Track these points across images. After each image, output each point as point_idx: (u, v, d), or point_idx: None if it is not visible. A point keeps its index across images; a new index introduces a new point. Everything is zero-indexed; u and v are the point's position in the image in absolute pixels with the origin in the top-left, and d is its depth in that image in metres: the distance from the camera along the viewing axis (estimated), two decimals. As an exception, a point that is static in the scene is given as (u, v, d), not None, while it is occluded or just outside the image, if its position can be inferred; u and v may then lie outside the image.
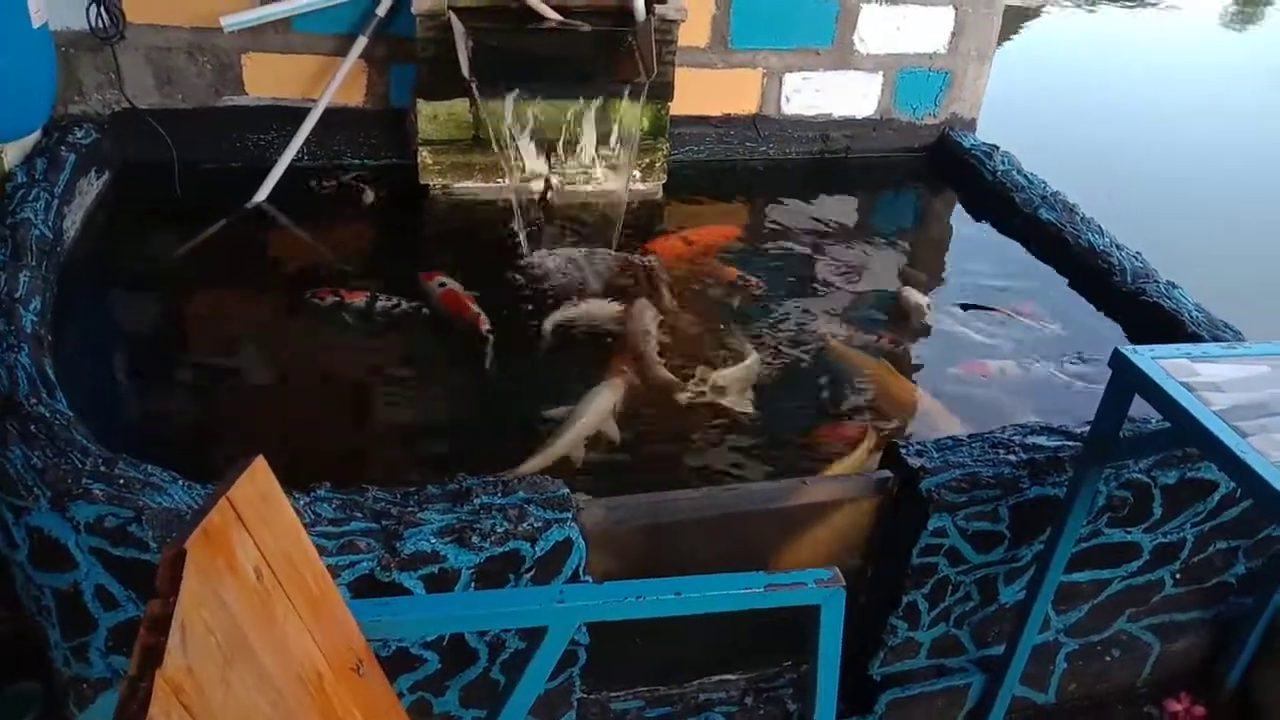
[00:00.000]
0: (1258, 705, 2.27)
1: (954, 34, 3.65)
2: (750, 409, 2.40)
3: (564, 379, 2.46)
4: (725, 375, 2.47)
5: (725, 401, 2.40)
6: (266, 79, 3.19)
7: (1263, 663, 2.26)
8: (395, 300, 2.65)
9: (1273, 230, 5.11)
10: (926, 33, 3.62)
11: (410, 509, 1.68)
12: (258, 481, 1.07)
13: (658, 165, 3.31)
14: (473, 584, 1.66)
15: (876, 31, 3.56)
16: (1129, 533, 2.07)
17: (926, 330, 2.86)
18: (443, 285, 2.69)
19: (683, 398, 2.42)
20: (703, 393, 2.41)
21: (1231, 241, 4.87)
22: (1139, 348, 1.70)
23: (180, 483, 1.68)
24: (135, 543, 1.58)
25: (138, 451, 1.73)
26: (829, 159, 3.76)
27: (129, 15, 2.99)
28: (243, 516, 1.02)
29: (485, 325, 2.60)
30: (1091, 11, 10.06)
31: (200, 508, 0.99)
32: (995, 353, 2.77)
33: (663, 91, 3.15)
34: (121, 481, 1.63)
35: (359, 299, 2.64)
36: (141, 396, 2.39)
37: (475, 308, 2.64)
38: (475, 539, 1.63)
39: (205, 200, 3.07)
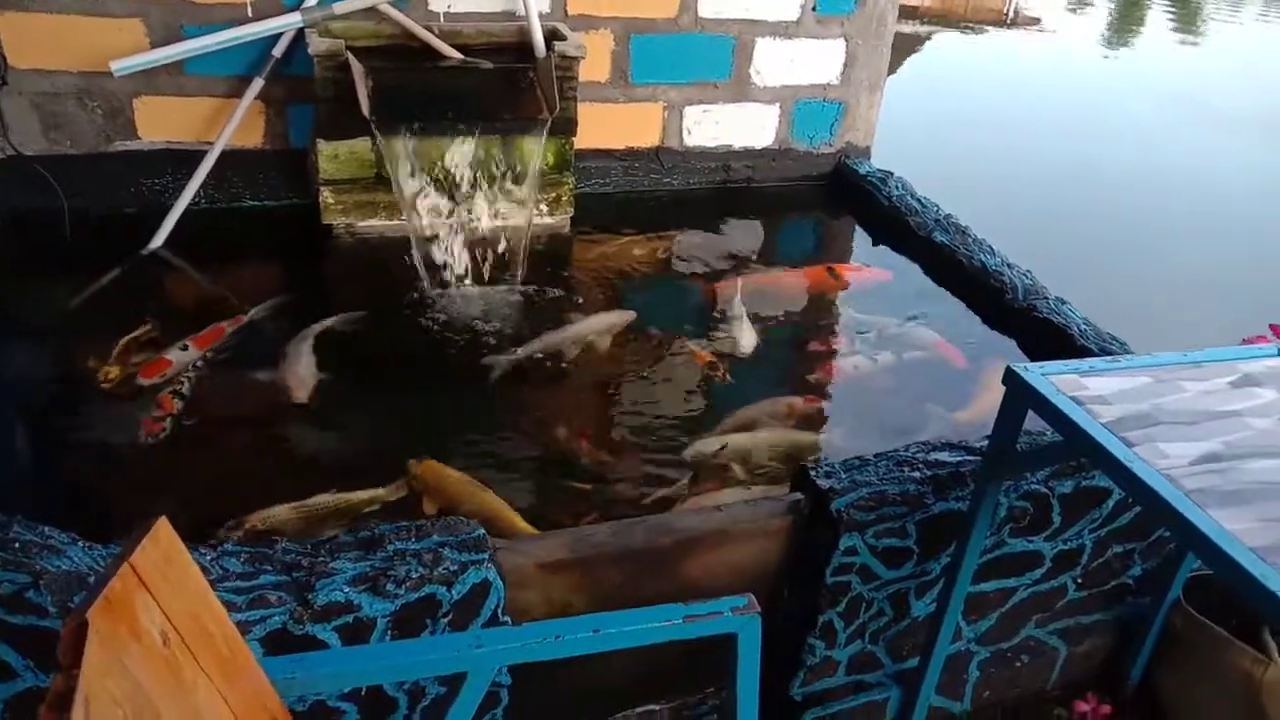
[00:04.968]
0: (1159, 698, 2.37)
1: (846, 65, 3.77)
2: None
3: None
4: None
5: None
6: (160, 122, 3.13)
7: (1161, 658, 2.35)
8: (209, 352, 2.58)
9: (1155, 239, 5.37)
10: (819, 65, 3.74)
11: (322, 559, 1.65)
12: (160, 543, 1.04)
13: (564, 199, 3.33)
14: (389, 632, 1.64)
15: (772, 64, 3.66)
16: (1031, 542, 2.14)
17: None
18: (185, 347, 2.57)
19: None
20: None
21: (1117, 252, 5.11)
22: (1030, 365, 1.77)
23: (80, 544, 1.63)
24: (33, 609, 1.52)
25: (34, 513, 1.67)
26: (732, 189, 3.84)
27: (11, 60, 2.91)
28: (146, 581, 0.99)
29: (245, 317, 2.71)
30: (980, 34, 10.49)
31: (101, 575, 0.96)
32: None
33: (565, 126, 3.18)
34: (16, 545, 1.56)
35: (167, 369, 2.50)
36: (36, 454, 2.30)
37: (220, 326, 2.66)
38: (389, 586, 1.61)
39: (99, 248, 2.99)
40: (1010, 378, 1.76)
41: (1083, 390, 1.71)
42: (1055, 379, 1.73)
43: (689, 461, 2.38)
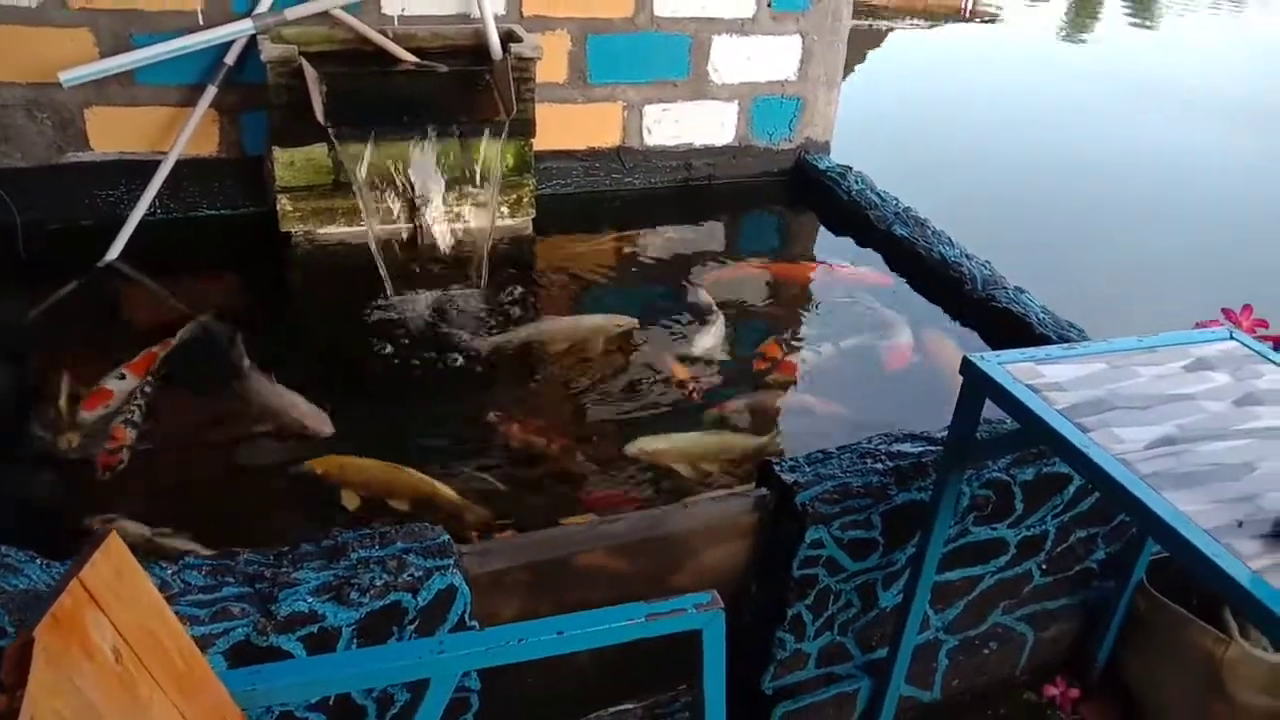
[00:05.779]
0: (1125, 680, 2.40)
1: (803, 61, 3.79)
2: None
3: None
4: None
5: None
6: (112, 133, 3.09)
7: (1127, 640, 2.38)
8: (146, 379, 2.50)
9: (1113, 226, 5.44)
10: (777, 61, 3.75)
11: (285, 569, 1.64)
12: (112, 558, 1.03)
13: (525, 201, 3.32)
14: (355, 641, 1.63)
15: (729, 62, 3.67)
16: (995, 529, 2.16)
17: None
18: (122, 376, 2.49)
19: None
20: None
21: (1077, 240, 5.18)
22: (986, 354, 1.78)
23: (38, 561, 1.61)
24: (-11, 629, 1.50)
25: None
26: (693, 187, 3.84)
27: (-45, 74, 2.86)
28: (97, 597, 0.98)
29: (174, 340, 2.64)
30: (938, 28, 10.58)
31: (50, 592, 0.95)
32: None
33: (524, 128, 3.16)
34: (-30, 566, 1.54)
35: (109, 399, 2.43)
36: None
37: (153, 351, 2.59)
38: (354, 595, 1.60)
39: (54, 262, 2.95)
40: (967, 367, 1.77)
41: (1039, 378, 1.73)
42: (1011, 367, 1.75)
43: (639, 462, 2.38)
